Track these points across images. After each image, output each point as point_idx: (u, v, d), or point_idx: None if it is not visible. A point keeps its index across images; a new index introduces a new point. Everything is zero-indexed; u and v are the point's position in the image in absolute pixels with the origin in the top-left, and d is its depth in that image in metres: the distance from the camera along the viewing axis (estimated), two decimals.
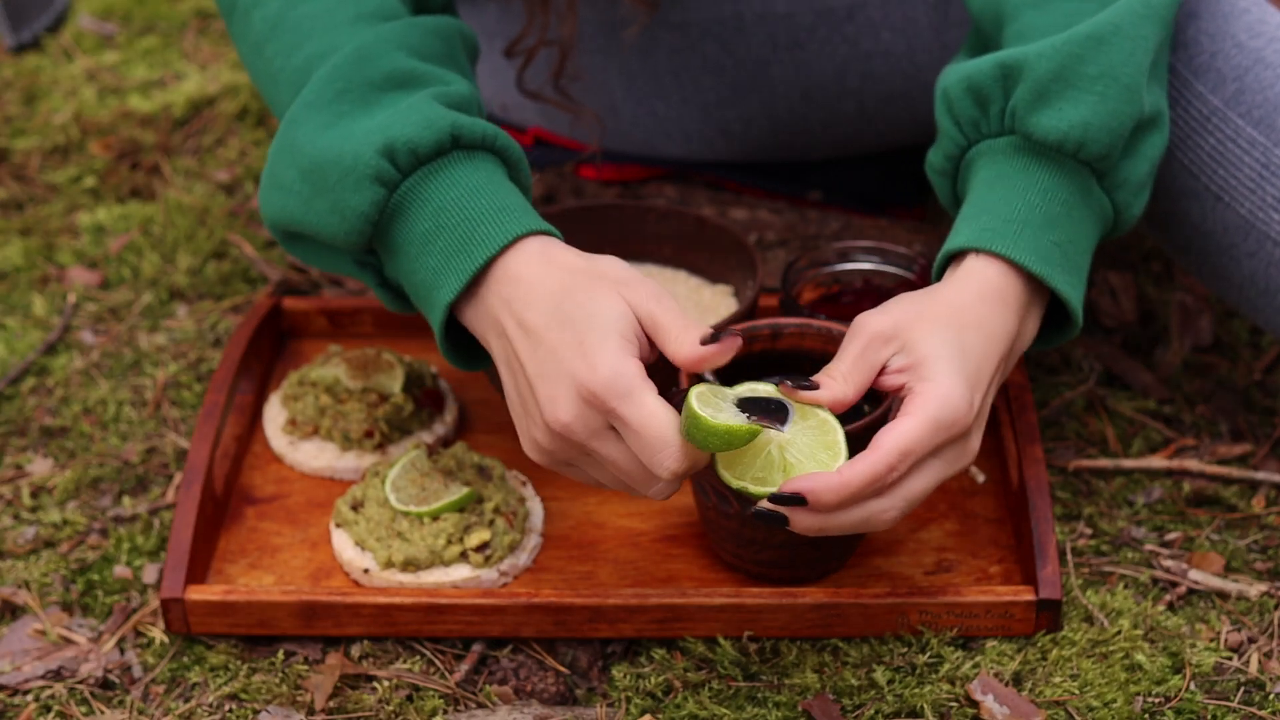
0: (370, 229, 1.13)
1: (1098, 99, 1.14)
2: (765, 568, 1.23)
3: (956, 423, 1.08)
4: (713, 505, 1.21)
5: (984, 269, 1.14)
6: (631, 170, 1.66)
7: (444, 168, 1.13)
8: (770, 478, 1.07)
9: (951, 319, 1.12)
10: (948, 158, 1.22)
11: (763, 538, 1.20)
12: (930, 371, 1.09)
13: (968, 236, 1.15)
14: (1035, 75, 1.15)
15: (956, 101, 1.19)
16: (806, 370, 1.27)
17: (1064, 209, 1.16)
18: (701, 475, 1.20)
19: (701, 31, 1.51)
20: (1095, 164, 1.16)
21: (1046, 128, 1.15)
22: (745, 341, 1.25)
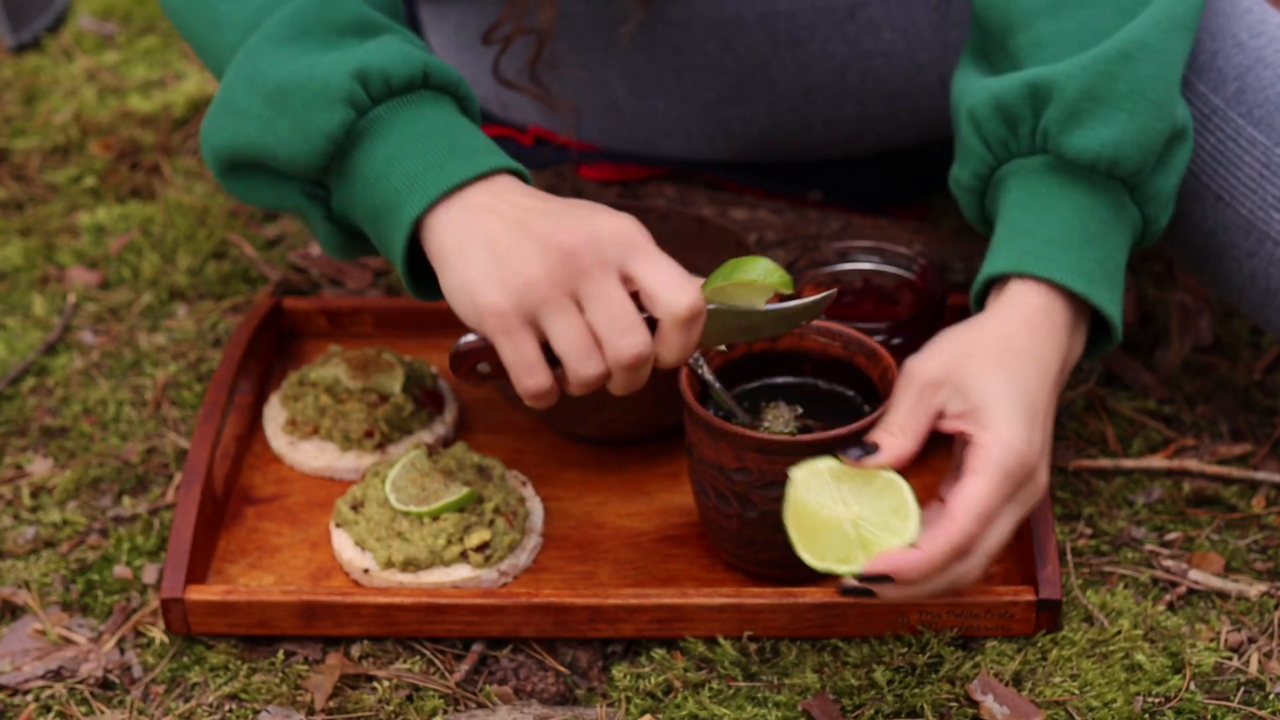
0: (334, 150, 1.12)
1: (1128, 116, 1.14)
2: (766, 567, 1.23)
3: (1024, 467, 1.08)
4: (713, 505, 1.22)
5: (1028, 294, 1.14)
6: (631, 170, 1.67)
7: (413, 103, 1.13)
8: (852, 555, 1.07)
9: (1002, 352, 1.11)
10: (976, 176, 1.21)
11: (763, 537, 1.21)
12: (989, 419, 1.09)
13: (1008, 260, 1.15)
14: (1066, 95, 1.14)
15: (985, 122, 1.18)
16: (806, 370, 1.28)
17: (1101, 226, 1.15)
18: (702, 475, 1.21)
19: (703, 30, 1.51)
20: (1128, 180, 1.16)
21: (1080, 147, 1.14)
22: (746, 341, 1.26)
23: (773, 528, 1.19)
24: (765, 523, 1.19)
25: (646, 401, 1.30)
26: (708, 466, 1.20)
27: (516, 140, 1.70)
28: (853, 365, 1.26)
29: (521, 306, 1.08)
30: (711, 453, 1.19)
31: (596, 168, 1.67)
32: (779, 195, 1.66)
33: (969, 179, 1.22)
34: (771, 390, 1.28)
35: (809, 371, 1.28)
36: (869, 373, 1.25)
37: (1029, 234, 1.15)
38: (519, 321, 1.09)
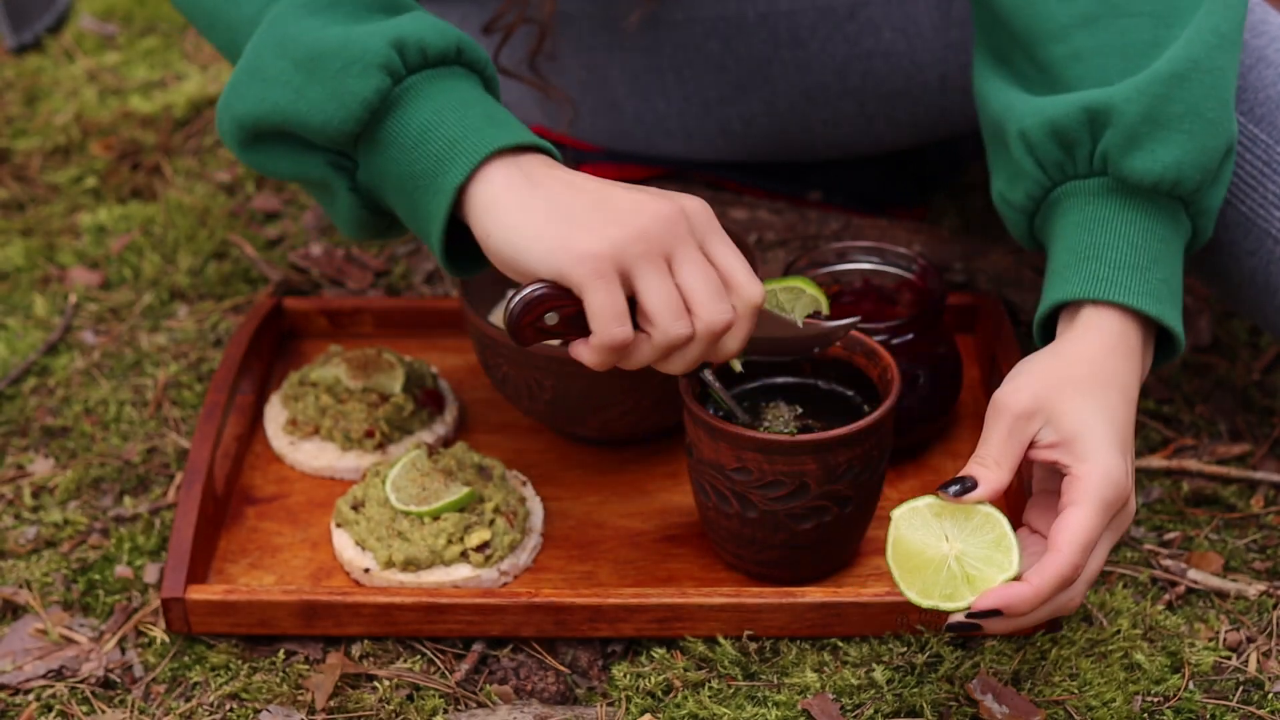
0: (368, 117, 1.11)
1: (1187, 136, 1.14)
2: (766, 568, 1.24)
3: (1120, 496, 1.09)
4: (713, 505, 1.22)
5: (1104, 319, 1.14)
6: (631, 170, 1.67)
7: (445, 75, 1.13)
8: (958, 592, 1.08)
9: (1090, 382, 1.12)
10: (1030, 197, 1.20)
11: (762, 537, 1.21)
12: (1085, 450, 1.09)
13: (1081, 286, 1.15)
14: (1125, 120, 1.14)
15: (1039, 145, 1.18)
16: (805, 371, 1.28)
17: (1162, 245, 1.16)
18: (702, 475, 1.21)
19: (705, 29, 1.51)
20: (1187, 197, 1.16)
21: (1142, 170, 1.14)
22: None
23: (772, 528, 1.19)
24: (765, 523, 1.19)
25: (646, 401, 1.31)
26: (707, 466, 1.20)
27: None
28: (852, 365, 1.26)
29: (620, 256, 1.07)
30: (711, 452, 1.19)
31: (597, 168, 1.67)
32: (779, 195, 1.66)
33: (1022, 199, 1.21)
34: (771, 390, 1.28)
35: (808, 372, 1.28)
36: (868, 373, 1.25)
37: (1097, 258, 1.15)
38: (614, 269, 1.07)
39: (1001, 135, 1.22)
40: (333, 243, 1.66)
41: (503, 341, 1.29)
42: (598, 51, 1.55)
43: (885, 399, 1.21)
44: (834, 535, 1.22)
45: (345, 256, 1.63)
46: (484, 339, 1.31)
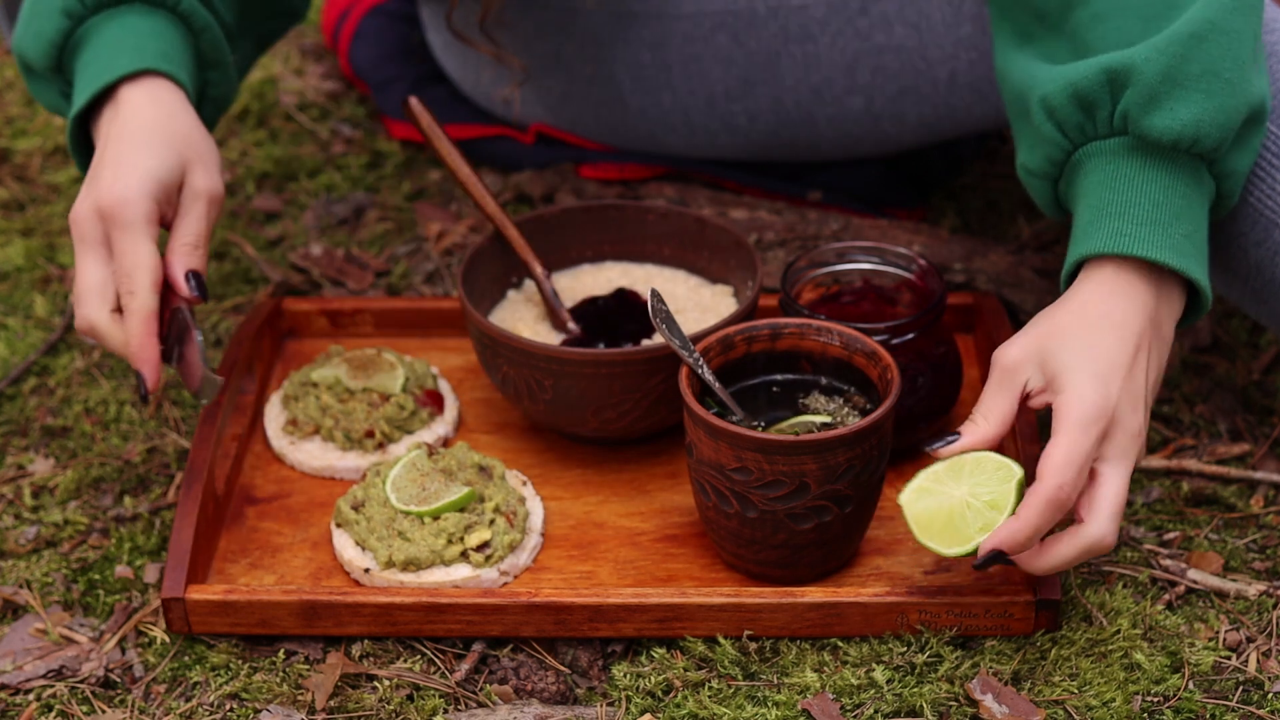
0: (57, 54, 1.29)
1: (1205, 95, 1.16)
2: (766, 567, 1.24)
3: (1100, 415, 1.13)
4: (712, 505, 1.22)
5: (1117, 270, 1.17)
6: (632, 170, 1.67)
7: (120, 14, 1.28)
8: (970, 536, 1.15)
9: (1080, 324, 1.16)
10: (1051, 162, 1.22)
11: (762, 537, 1.21)
12: (1062, 383, 1.14)
13: (1103, 241, 1.17)
14: (1145, 79, 1.16)
15: (1060, 108, 1.19)
16: (806, 370, 1.28)
17: (1184, 201, 1.18)
18: (702, 474, 1.21)
19: (714, 22, 1.51)
20: (1208, 155, 1.18)
21: (1162, 128, 1.16)
22: (745, 341, 1.26)
23: (772, 528, 1.19)
24: (765, 522, 1.19)
25: (646, 401, 1.31)
26: (707, 466, 1.20)
27: (516, 139, 1.71)
28: (852, 364, 1.26)
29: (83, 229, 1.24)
30: (711, 452, 1.19)
31: (597, 167, 1.68)
32: (779, 195, 1.66)
33: (1042, 164, 1.23)
34: (769, 387, 1.28)
35: (808, 370, 1.28)
36: (868, 372, 1.25)
37: (1119, 215, 1.17)
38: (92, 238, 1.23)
39: (1024, 106, 1.23)
40: (333, 243, 1.66)
41: (503, 341, 1.29)
42: (603, 45, 1.56)
43: (885, 399, 1.21)
44: (834, 535, 1.22)
45: (345, 257, 1.63)
46: (484, 339, 1.31)
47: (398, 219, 1.69)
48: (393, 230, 1.68)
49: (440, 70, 1.79)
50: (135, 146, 1.23)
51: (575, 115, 1.63)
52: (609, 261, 1.47)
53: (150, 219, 1.21)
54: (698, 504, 1.25)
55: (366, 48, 1.85)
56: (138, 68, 1.25)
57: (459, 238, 1.65)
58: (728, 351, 1.26)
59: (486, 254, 1.41)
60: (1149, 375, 1.17)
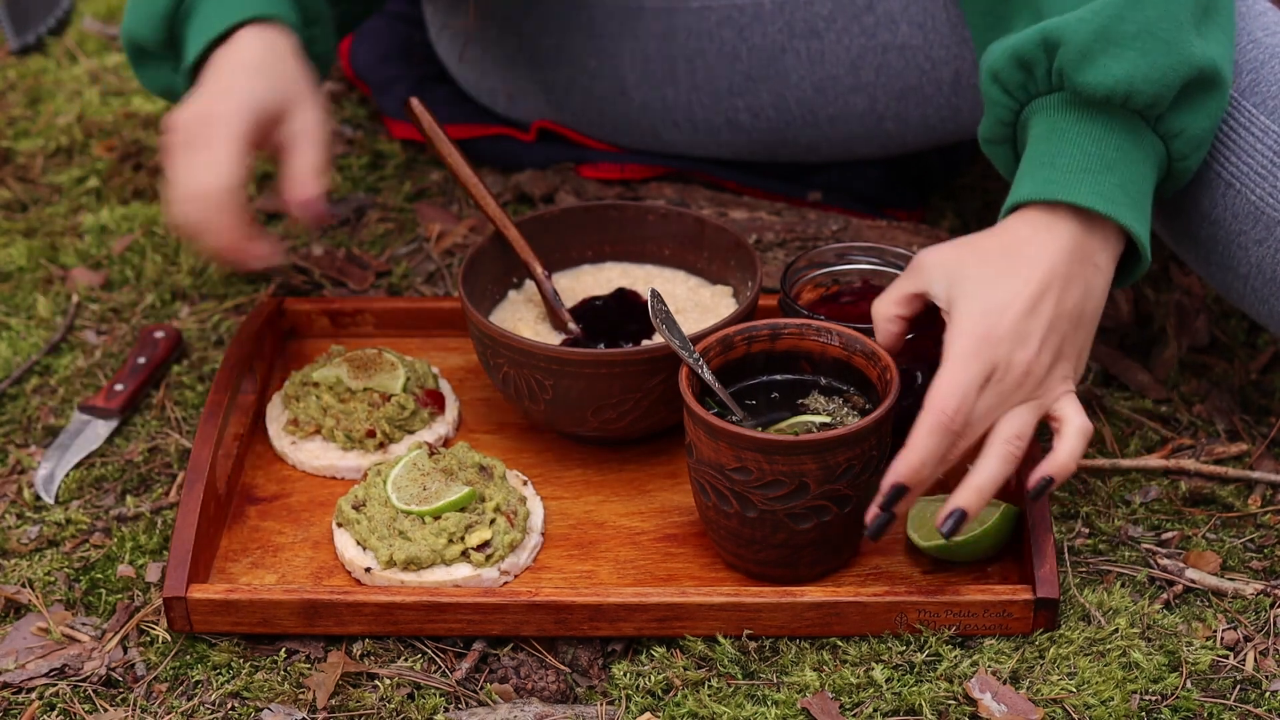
0: (169, 26, 1.31)
1: (1139, 53, 1.18)
2: (766, 567, 1.24)
3: (979, 349, 1.16)
4: (712, 505, 1.22)
5: (1042, 213, 1.20)
6: (632, 170, 1.67)
7: None
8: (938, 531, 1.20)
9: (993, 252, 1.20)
10: (1001, 123, 1.26)
11: (762, 537, 1.21)
12: (954, 312, 1.18)
13: (1032, 188, 1.21)
14: (1078, 38, 1.19)
15: (1003, 71, 1.23)
16: (806, 370, 1.28)
17: (1119, 153, 1.21)
18: (701, 474, 1.21)
19: (719, 17, 1.51)
20: (1145, 112, 1.20)
21: (1095, 82, 1.19)
22: (745, 342, 1.26)
23: (772, 527, 1.20)
24: (764, 522, 1.20)
25: (646, 401, 1.31)
26: (707, 466, 1.20)
27: (517, 138, 1.71)
28: (851, 365, 1.26)
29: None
30: (711, 452, 1.19)
31: (597, 167, 1.68)
32: (779, 195, 1.66)
33: (994, 128, 1.27)
34: (769, 387, 1.28)
35: (808, 370, 1.29)
36: (867, 372, 1.25)
37: (1050, 164, 1.20)
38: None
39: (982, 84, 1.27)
40: (334, 243, 1.66)
41: (503, 341, 1.30)
42: (608, 38, 1.56)
43: (885, 399, 1.21)
44: (834, 535, 1.22)
45: (346, 257, 1.64)
46: (484, 339, 1.32)
47: (399, 219, 1.70)
48: (394, 230, 1.68)
49: (441, 71, 1.79)
50: (243, 73, 1.26)
51: (578, 110, 1.64)
52: (609, 262, 1.47)
53: (248, 134, 1.24)
54: (697, 504, 1.25)
55: (367, 49, 1.85)
56: (252, 14, 1.28)
57: (459, 238, 1.66)
58: (727, 352, 1.26)
59: (487, 254, 1.41)
60: (1061, 312, 1.19)
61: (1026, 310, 1.17)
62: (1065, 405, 1.20)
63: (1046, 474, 1.18)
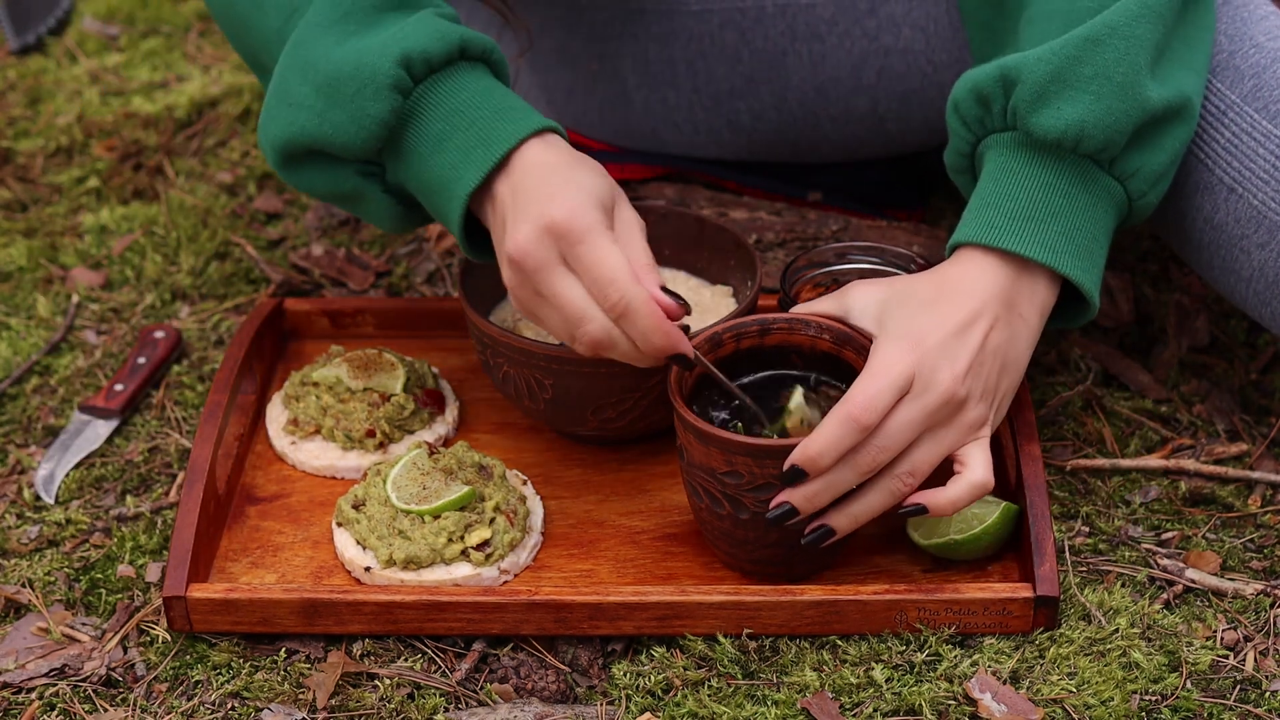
0: (386, 134, 1.20)
1: (1093, 98, 1.19)
2: (761, 565, 1.24)
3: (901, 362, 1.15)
4: (706, 506, 1.22)
5: (980, 257, 1.21)
6: (632, 170, 1.67)
7: (452, 75, 1.21)
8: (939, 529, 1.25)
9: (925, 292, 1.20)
10: (960, 154, 1.28)
11: (755, 538, 1.21)
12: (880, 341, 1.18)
13: (975, 230, 1.21)
14: (1034, 78, 1.20)
15: (962, 103, 1.24)
16: (797, 365, 1.27)
17: (1065, 200, 1.21)
18: (694, 477, 1.21)
19: (722, 19, 1.51)
20: (1096, 156, 1.21)
21: (1046, 126, 1.19)
22: (734, 337, 1.26)
23: (765, 528, 1.20)
24: (758, 524, 1.20)
25: (646, 401, 1.31)
26: (698, 469, 1.20)
27: None
28: (841, 359, 1.26)
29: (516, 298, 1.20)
30: (702, 456, 1.19)
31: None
32: (779, 196, 1.66)
33: (954, 159, 1.28)
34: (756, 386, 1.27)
35: (799, 366, 1.28)
36: (859, 367, 1.24)
37: (995, 207, 1.21)
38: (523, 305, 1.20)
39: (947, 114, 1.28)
40: (334, 243, 1.66)
41: (503, 341, 1.30)
42: (610, 41, 1.56)
43: None
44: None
45: (346, 257, 1.64)
46: (484, 339, 1.32)
47: None
48: None
49: None
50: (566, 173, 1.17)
51: (579, 112, 1.64)
52: None
53: (607, 226, 1.15)
54: (691, 505, 1.25)
55: None
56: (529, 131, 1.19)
57: None
58: (716, 349, 1.26)
59: None
60: (987, 347, 1.18)
61: (955, 332, 1.18)
62: (974, 451, 1.19)
63: (922, 503, 1.18)
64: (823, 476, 1.16)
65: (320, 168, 1.25)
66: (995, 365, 1.19)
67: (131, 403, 1.46)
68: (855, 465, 1.15)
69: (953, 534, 1.23)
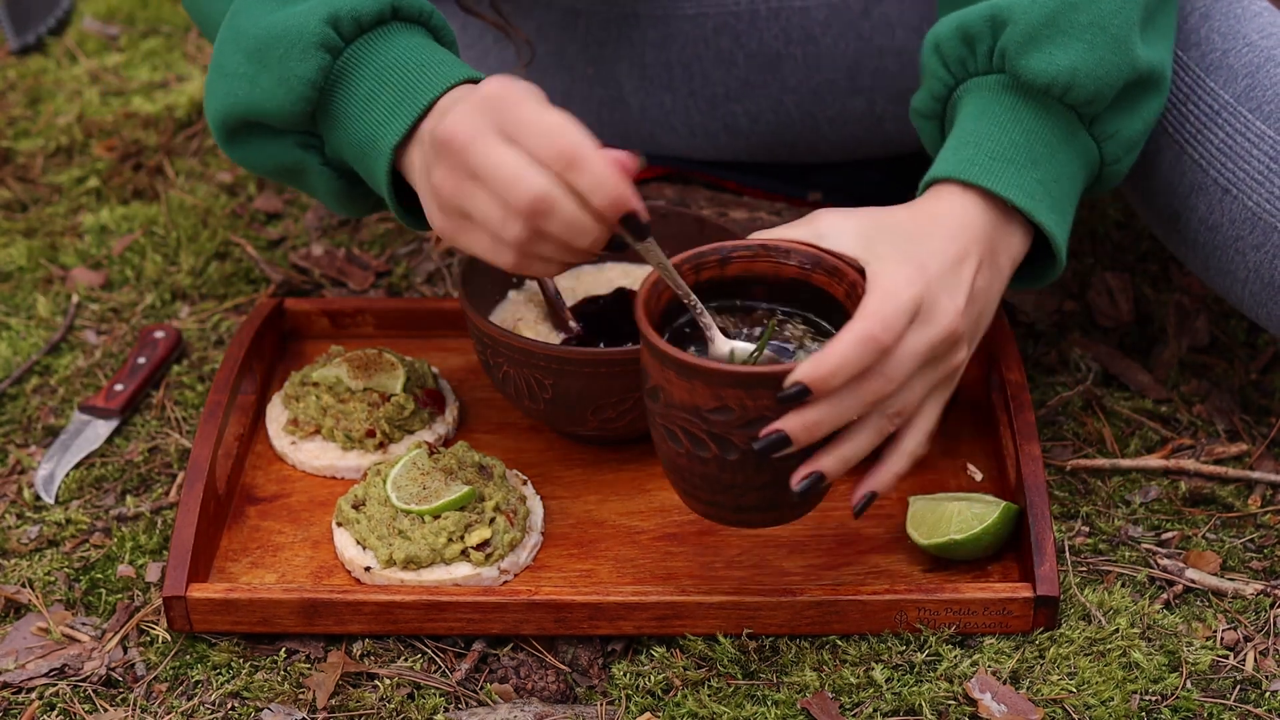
0: (315, 95, 1.17)
1: (1086, 46, 1.16)
2: (746, 513, 1.15)
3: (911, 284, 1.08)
4: (685, 451, 1.11)
5: (959, 194, 1.16)
6: None
7: (384, 35, 1.17)
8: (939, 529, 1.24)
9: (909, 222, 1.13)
10: (935, 98, 1.23)
11: (744, 480, 1.11)
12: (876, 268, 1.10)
13: (953, 166, 1.16)
14: (1026, 20, 1.17)
15: (945, 43, 1.20)
16: (760, 295, 1.19)
17: (1047, 150, 1.18)
18: (671, 419, 1.12)
19: (716, 24, 1.51)
20: (1081, 109, 1.18)
21: (1035, 70, 1.16)
22: (693, 269, 1.17)
23: (755, 468, 1.10)
24: (747, 464, 1.10)
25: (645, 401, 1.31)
26: (678, 409, 1.09)
27: None
28: (810, 284, 1.16)
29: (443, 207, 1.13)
30: (684, 394, 1.08)
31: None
32: (779, 196, 1.66)
33: (927, 103, 1.24)
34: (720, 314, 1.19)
35: (761, 296, 1.19)
36: (831, 290, 1.15)
37: (976, 145, 1.17)
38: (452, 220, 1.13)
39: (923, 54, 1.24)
40: (334, 243, 1.66)
41: (503, 341, 1.30)
42: (605, 46, 1.56)
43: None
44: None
45: (346, 257, 1.64)
46: (484, 339, 1.32)
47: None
48: (393, 230, 1.68)
49: None
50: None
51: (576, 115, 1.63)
52: (609, 261, 1.47)
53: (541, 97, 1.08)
54: (662, 452, 1.14)
55: None
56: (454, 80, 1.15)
57: None
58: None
59: None
60: (979, 285, 1.13)
61: (952, 266, 1.11)
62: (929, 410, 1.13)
63: (871, 490, 1.13)
64: (827, 401, 1.06)
65: (261, 141, 1.22)
66: (977, 309, 1.14)
67: (131, 403, 1.46)
68: (861, 393, 1.07)
69: (953, 534, 1.23)
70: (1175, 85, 1.29)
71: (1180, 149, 1.29)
